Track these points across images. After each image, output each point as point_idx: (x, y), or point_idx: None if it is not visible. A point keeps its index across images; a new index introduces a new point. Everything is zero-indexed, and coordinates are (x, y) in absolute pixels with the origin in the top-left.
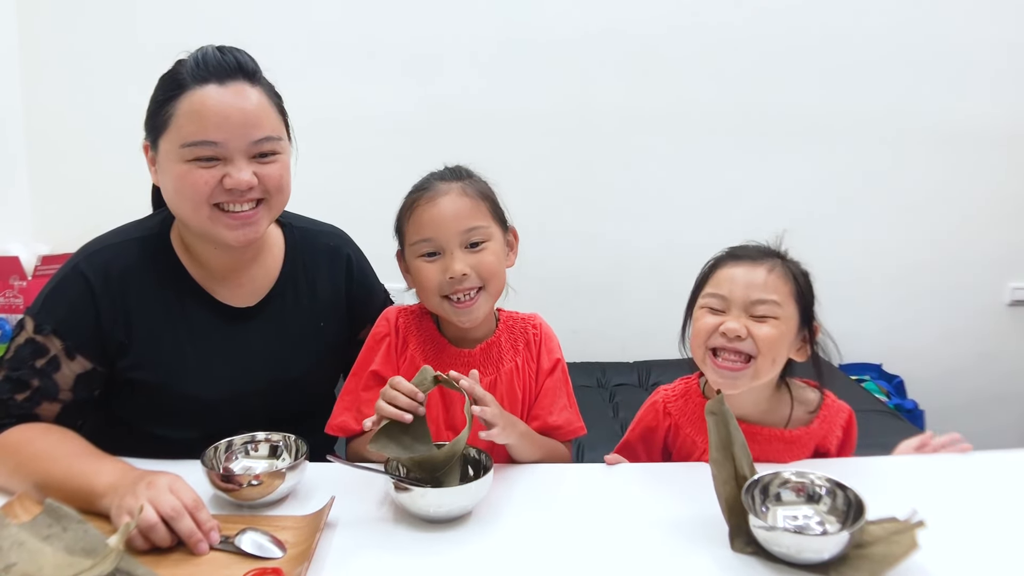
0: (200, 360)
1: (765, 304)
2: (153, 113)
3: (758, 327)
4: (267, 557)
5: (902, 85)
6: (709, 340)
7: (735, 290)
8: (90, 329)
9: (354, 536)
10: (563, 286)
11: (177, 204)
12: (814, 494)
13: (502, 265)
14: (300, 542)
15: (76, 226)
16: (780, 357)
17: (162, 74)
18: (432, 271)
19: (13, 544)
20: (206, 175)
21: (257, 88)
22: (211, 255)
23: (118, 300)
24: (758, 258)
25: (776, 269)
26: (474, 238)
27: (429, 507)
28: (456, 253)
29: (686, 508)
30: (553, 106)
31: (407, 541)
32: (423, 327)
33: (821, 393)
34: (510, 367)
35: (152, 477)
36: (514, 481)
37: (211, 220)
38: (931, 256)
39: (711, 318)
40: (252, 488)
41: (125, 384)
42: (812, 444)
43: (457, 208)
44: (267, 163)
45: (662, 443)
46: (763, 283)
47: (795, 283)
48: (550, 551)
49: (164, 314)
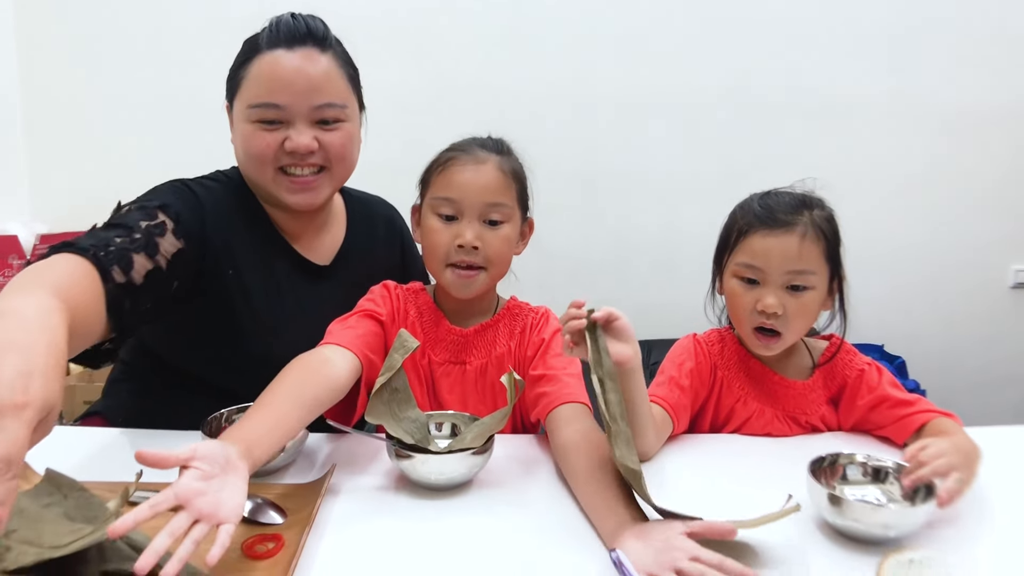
0: (275, 310)
1: (801, 275)
2: (232, 75)
3: (794, 302)
4: (268, 523)
5: (905, 65)
6: (750, 320)
7: (770, 263)
8: (197, 223)
9: (355, 503)
10: (564, 265)
11: (245, 164)
12: (879, 473)
13: (510, 251)
14: (301, 508)
15: (74, 205)
16: (812, 320)
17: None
18: (444, 234)
19: (14, 512)
20: (268, 137)
21: (327, 55)
22: (280, 217)
23: (220, 222)
24: (790, 222)
25: (808, 232)
26: (494, 215)
27: (431, 474)
28: (473, 223)
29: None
30: (554, 86)
31: (408, 508)
32: (420, 300)
33: (837, 344)
34: (502, 351)
35: None
36: (516, 450)
37: (274, 182)
38: (934, 238)
39: (747, 295)
40: None
41: (191, 313)
42: (826, 394)
43: (488, 180)
44: (330, 130)
45: (710, 380)
46: (797, 254)
47: (825, 240)
48: (551, 520)
49: (253, 256)
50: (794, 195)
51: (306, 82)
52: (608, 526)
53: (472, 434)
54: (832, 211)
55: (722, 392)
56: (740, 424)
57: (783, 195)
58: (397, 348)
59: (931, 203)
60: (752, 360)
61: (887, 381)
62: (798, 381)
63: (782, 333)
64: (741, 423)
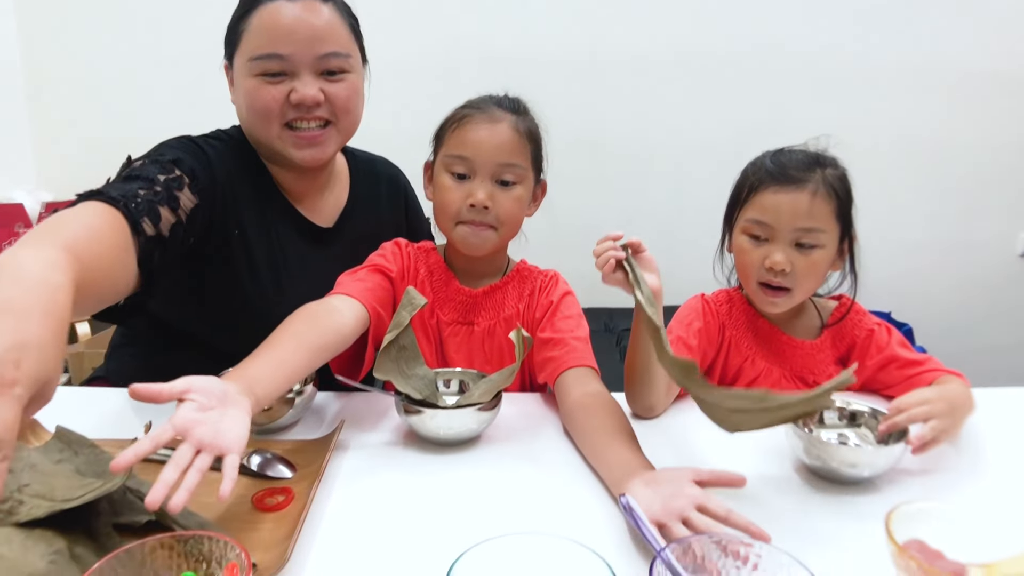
0: (278, 273)
1: (810, 233)
2: (230, 30)
3: (802, 259)
4: (277, 477)
5: (918, 29)
6: (757, 275)
7: (780, 219)
8: (208, 180)
9: (364, 458)
10: (571, 230)
11: (249, 121)
12: (856, 417)
13: (522, 212)
14: (310, 463)
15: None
16: (820, 279)
17: None
18: (456, 192)
19: (26, 466)
20: (274, 90)
21: (328, 4)
22: (284, 177)
23: (228, 181)
24: (801, 179)
25: (819, 190)
26: (507, 176)
27: (439, 429)
28: (485, 183)
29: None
30: (563, 49)
31: (417, 462)
32: (431, 259)
33: (847, 304)
34: (511, 313)
35: None
36: (524, 407)
37: (280, 139)
38: (943, 205)
39: (756, 251)
40: (261, 413)
41: (195, 274)
42: (834, 354)
43: (503, 140)
44: (335, 81)
45: (718, 340)
46: (807, 211)
47: (837, 199)
48: (559, 474)
49: (257, 217)
50: (807, 153)
51: (309, 31)
52: (616, 475)
53: (480, 390)
54: (845, 170)
55: (730, 352)
56: (748, 384)
57: (796, 153)
58: (405, 305)
59: (942, 170)
60: (760, 320)
61: (896, 341)
62: (806, 341)
63: (790, 290)
64: (749, 383)
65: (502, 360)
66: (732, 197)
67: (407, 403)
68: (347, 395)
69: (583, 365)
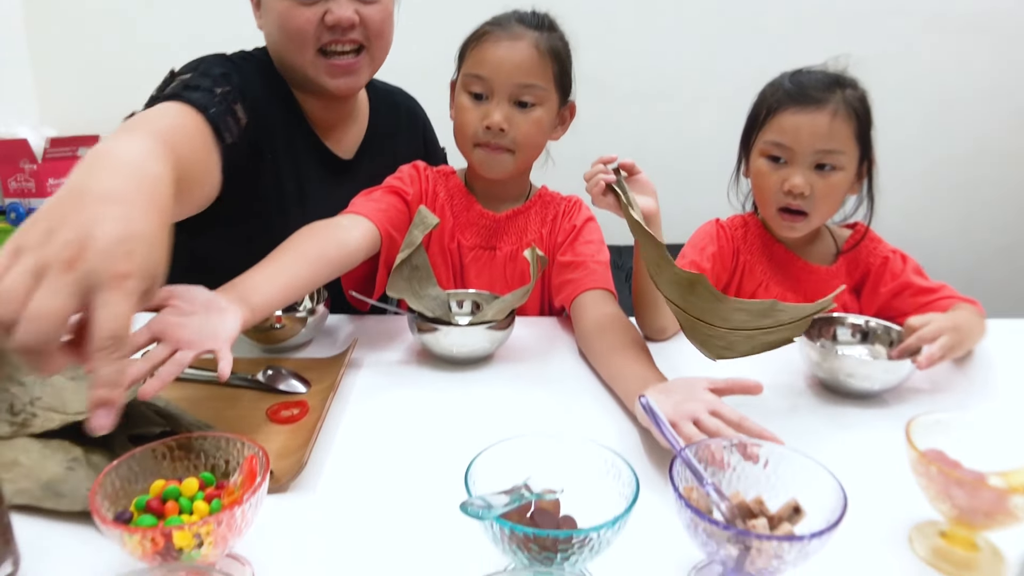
0: (301, 201)
1: (830, 155)
2: None
3: (822, 182)
4: (291, 392)
5: None
6: (775, 199)
7: (799, 141)
8: (251, 96)
9: (378, 375)
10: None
11: (282, 47)
12: (869, 333)
13: (543, 136)
14: (323, 379)
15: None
16: (839, 202)
17: None
18: (473, 114)
19: (37, 381)
20: (307, 12)
21: None
22: (311, 106)
23: (262, 103)
24: (821, 99)
25: (840, 111)
26: (525, 96)
27: (452, 346)
28: (503, 104)
29: None
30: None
31: (430, 380)
32: (451, 183)
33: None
34: (534, 238)
35: None
36: (539, 329)
37: (314, 66)
38: (955, 147)
39: (774, 174)
40: (274, 331)
41: (224, 194)
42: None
43: (522, 59)
44: (369, 3)
45: (732, 264)
46: (827, 132)
47: (857, 120)
48: (573, 392)
49: (285, 145)
50: (826, 73)
51: None
52: (631, 387)
53: (494, 309)
54: (865, 91)
55: (743, 277)
56: None
57: (815, 73)
58: (416, 224)
59: (957, 113)
60: (776, 245)
61: (911, 269)
62: (821, 267)
63: (808, 214)
64: None
65: (521, 282)
66: (749, 119)
67: (420, 321)
68: (360, 317)
69: (601, 288)
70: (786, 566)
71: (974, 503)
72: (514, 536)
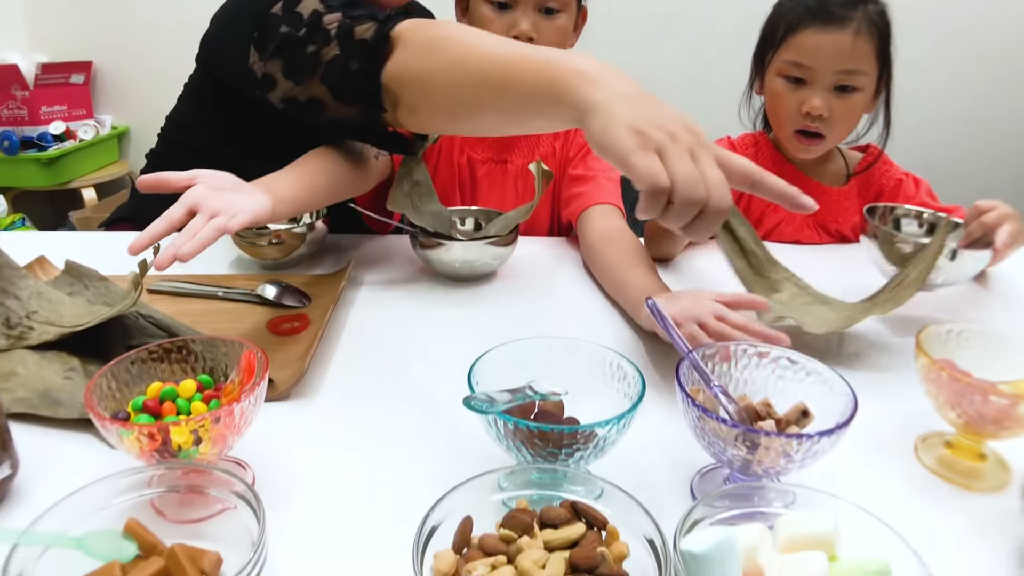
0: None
1: (851, 75)
2: None
3: (840, 104)
4: (292, 305)
5: None
6: (792, 121)
7: (820, 61)
8: None
9: (378, 290)
10: None
11: None
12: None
13: (565, 42)
14: (324, 295)
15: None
16: (855, 123)
17: None
18: (496, 24)
19: (32, 294)
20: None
21: None
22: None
23: None
24: (844, 16)
25: (862, 28)
26: (550, 3)
27: (455, 262)
28: (528, 11)
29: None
30: None
31: (432, 295)
32: None
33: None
34: (546, 151)
35: None
36: (544, 248)
37: None
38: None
39: (792, 95)
40: (273, 247)
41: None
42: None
43: None
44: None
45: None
46: (849, 51)
47: (879, 37)
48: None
49: None
50: None
51: None
52: (636, 297)
53: (497, 226)
54: (885, 5)
55: (753, 196)
56: (769, 229)
57: None
58: None
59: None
60: (787, 164)
61: (924, 191)
62: (833, 187)
63: (825, 135)
64: (770, 229)
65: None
66: (764, 35)
67: (423, 236)
68: (360, 236)
69: (609, 203)
70: (793, 465)
71: (983, 410)
72: (518, 431)
